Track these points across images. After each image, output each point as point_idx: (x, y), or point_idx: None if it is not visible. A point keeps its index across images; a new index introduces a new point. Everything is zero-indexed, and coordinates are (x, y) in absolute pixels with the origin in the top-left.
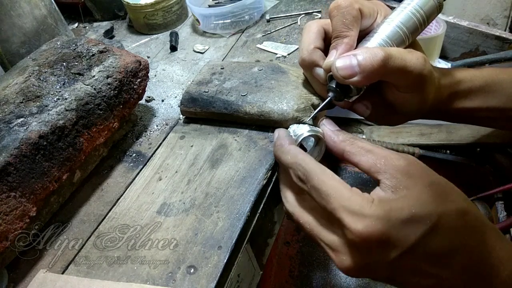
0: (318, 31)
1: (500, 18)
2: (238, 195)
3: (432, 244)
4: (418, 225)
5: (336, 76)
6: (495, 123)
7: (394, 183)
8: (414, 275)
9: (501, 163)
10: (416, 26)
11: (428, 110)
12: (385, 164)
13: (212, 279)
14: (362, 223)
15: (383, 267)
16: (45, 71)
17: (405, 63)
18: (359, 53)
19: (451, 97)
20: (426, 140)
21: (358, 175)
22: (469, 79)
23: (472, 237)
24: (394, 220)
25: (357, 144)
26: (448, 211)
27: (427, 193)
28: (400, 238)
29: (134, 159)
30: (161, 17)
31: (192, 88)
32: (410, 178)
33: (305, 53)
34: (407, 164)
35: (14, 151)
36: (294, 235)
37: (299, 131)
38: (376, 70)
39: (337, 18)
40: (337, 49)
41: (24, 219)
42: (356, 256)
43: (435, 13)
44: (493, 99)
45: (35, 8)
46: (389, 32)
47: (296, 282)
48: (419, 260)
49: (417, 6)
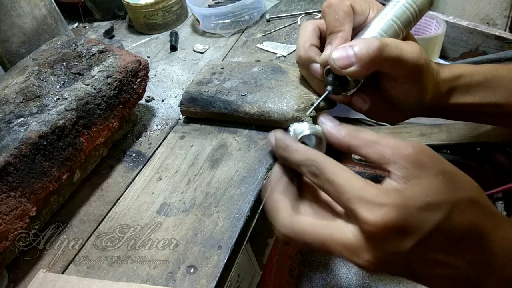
0: (314, 30)
1: (500, 18)
2: (238, 195)
3: (447, 233)
4: (433, 213)
5: (333, 67)
6: (495, 119)
7: (405, 173)
8: (430, 265)
9: (501, 163)
10: (410, 20)
11: (427, 105)
12: (394, 154)
13: (212, 279)
14: (379, 211)
15: (401, 257)
16: (45, 71)
17: (401, 51)
18: (355, 44)
19: (451, 92)
20: (426, 140)
21: (359, 174)
22: (469, 74)
23: (483, 225)
24: (411, 208)
25: (362, 137)
26: (460, 200)
27: (439, 182)
28: (417, 226)
29: (134, 159)
30: (161, 17)
31: (192, 88)
32: (421, 167)
33: (301, 50)
34: (417, 152)
35: (14, 151)
36: None
37: (299, 130)
38: (373, 59)
39: (330, 15)
40: (332, 44)
41: (24, 219)
42: (374, 248)
43: (426, 7)
44: (493, 94)
45: (35, 8)
46: (383, 25)
47: (296, 282)
48: (436, 249)
49: (410, 0)
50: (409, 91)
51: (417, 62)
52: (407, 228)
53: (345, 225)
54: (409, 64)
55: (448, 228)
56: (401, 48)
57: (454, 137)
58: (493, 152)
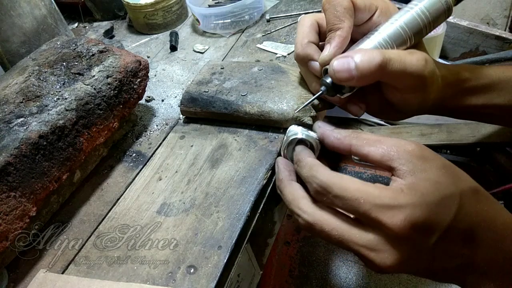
0: (312, 25)
1: (500, 18)
2: (238, 195)
3: (461, 223)
4: (449, 205)
5: (333, 77)
6: (500, 120)
7: (411, 167)
8: (450, 257)
9: (501, 163)
10: (420, 28)
11: (430, 107)
12: (397, 151)
13: (212, 279)
14: (401, 214)
15: (424, 255)
16: (45, 71)
17: (404, 66)
18: (357, 56)
19: (456, 95)
20: (426, 140)
21: (358, 175)
22: (475, 77)
23: (487, 213)
24: (430, 203)
25: (363, 136)
26: (465, 190)
27: (444, 174)
28: (438, 221)
29: (134, 159)
30: (161, 17)
31: (192, 88)
32: (426, 161)
33: (299, 47)
34: (419, 148)
35: (14, 151)
36: (294, 235)
37: (291, 132)
38: (373, 74)
39: (329, 11)
40: (331, 43)
41: (24, 219)
42: (399, 249)
43: (442, 16)
44: (499, 96)
45: (35, 8)
46: (391, 32)
47: (296, 282)
48: (454, 241)
49: (424, 7)
50: (411, 99)
51: (421, 75)
52: (430, 224)
53: (366, 228)
54: (412, 78)
55: (460, 219)
56: (404, 62)
57: (454, 137)
58: (493, 152)
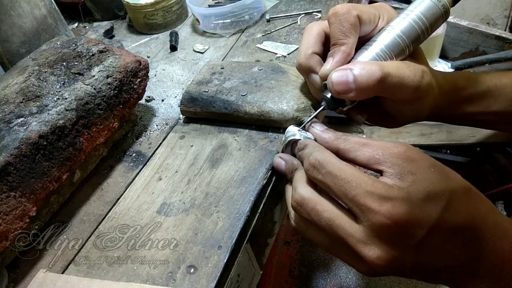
0: (318, 34)
1: (500, 18)
2: (238, 195)
3: (450, 221)
4: (435, 202)
5: (331, 90)
6: (496, 126)
7: (398, 170)
8: (437, 257)
9: (501, 163)
10: (418, 35)
11: (427, 116)
12: (383, 154)
13: (212, 279)
14: (390, 205)
15: (410, 252)
16: (45, 71)
17: (402, 80)
18: (356, 69)
19: (453, 103)
20: (426, 140)
21: None
22: (472, 84)
23: (478, 211)
24: (416, 200)
25: (350, 140)
26: (455, 188)
27: (432, 173)
28: (424, 217)
29: (134, 159)
30: (161, 17)
31: (192, 88)
32: (413, 162)
33: (302, 57)
34: (406, 149)
35: (14, 151)
36: (294, 235)
37: (290, 132)
38: (372, 89)
39: (335, 25)
40: (334, 57)
41: (24, 219)
42: (385, 244)
43: (440, 20)
44: (495, 103)
45: (35, 8)
46: (388, 42)
47: (296, 282)
48: (443, 240)
49: (420, 13)
50: (407, 110)
51: (418, 88)
52: (416, 220)
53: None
54: (409, 91)
55: (449, 216)
56: (402, 76)
57: (454, 137)
58: (493, 152)
